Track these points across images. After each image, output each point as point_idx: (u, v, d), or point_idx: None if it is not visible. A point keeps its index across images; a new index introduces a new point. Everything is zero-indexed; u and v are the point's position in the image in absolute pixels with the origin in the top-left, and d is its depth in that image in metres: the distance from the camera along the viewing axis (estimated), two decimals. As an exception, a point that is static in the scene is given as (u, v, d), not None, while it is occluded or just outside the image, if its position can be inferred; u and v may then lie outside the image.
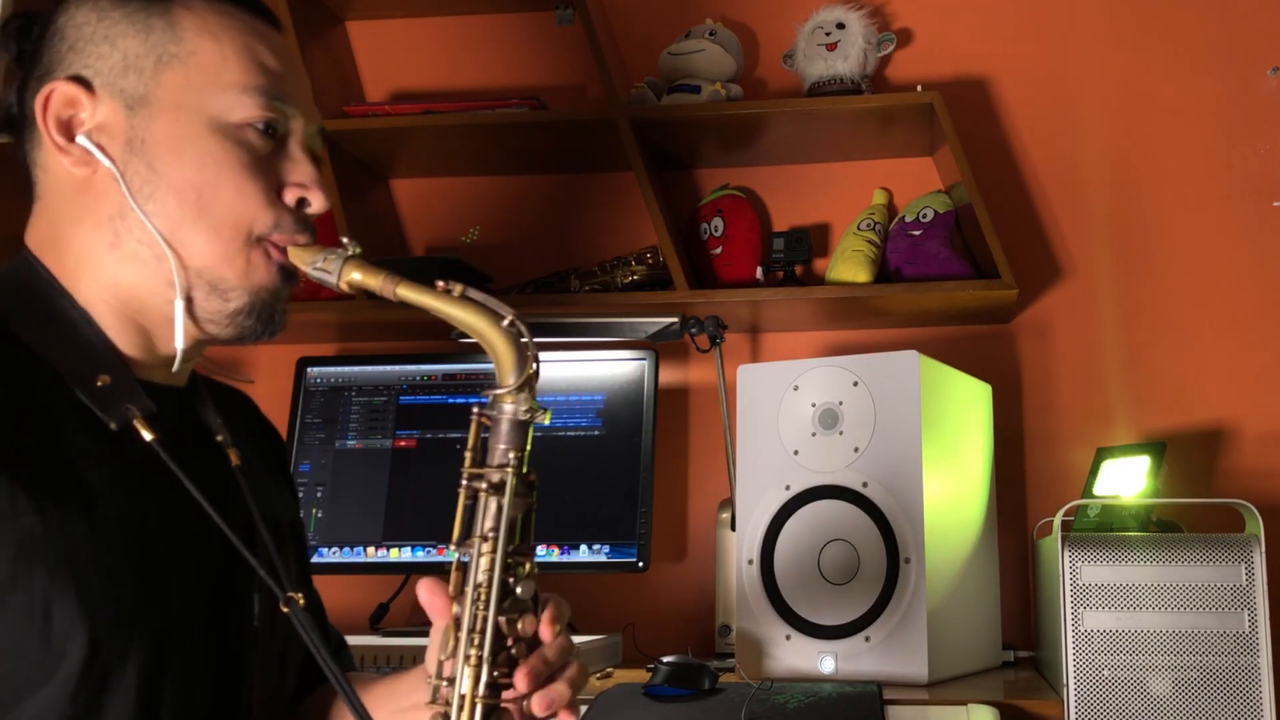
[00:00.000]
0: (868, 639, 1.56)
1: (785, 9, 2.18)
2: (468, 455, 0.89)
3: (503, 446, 0.89)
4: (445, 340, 2.07)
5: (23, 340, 0.91)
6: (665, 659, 1.51)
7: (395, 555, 1.95)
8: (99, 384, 0.91)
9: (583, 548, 1.90)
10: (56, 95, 0.93)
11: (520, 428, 0.89)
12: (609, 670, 1.73)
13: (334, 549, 1.97)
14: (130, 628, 0.86)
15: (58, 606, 0.82)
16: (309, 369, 2.08)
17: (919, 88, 1.99)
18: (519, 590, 0.88)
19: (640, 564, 1.88)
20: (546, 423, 0.91)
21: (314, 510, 1.99)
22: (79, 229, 0.95)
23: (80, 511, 0.85)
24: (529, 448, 0.89)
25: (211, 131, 0.94)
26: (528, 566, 0.89)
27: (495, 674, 0.86)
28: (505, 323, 0.89)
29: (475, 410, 0.89)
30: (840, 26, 2.06)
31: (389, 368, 2.06)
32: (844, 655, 1.57)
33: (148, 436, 0.91)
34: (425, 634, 1.00)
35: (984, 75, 2.15)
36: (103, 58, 0.94)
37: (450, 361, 2.05)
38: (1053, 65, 2.13)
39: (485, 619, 0.86)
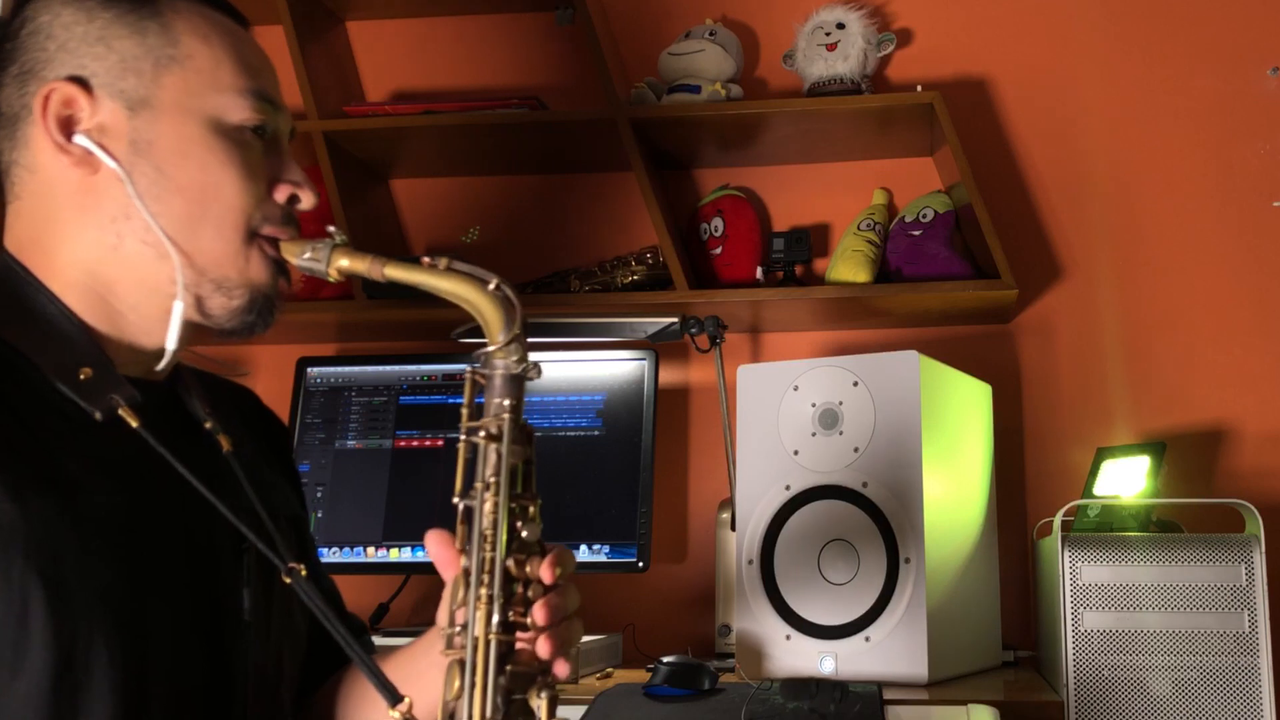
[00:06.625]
0: (868, 639, 1.56)
1: (785, 9, 2.18)
2: (464, 411, 0.89)
3: (497, 400, 0.89)
4: (445, 340, 2.07)
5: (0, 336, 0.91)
6: (665, 659, 1.51)
7: (395, 555, 1.95)
8: (81, 377, 0.91)
9: (583, 548, 1.90)
10: (56, 95, 0.93)
11: (514, 381, 0.89)
12: (609, 670, 1.73)
13: (334, 549, 1.97)
14: (104, 620, 0.86)
15: (34, 597, 0.82)
16: (309, 369, 2.08)
17: (919, 88, 1.99)
18: (525, 534, 0.88)
19: (640, 564, 1.88)
20: (538, 379, 0.91)
21: (314, 510, 1.99)
22: (75, 230, 0.94)
23: (61, 503, 0.85)
24: (523, 401, 0.90)
25: (213, 132, 0.96)
26: (532, 510, 0.90)
27: (508, 613, 0.86)
28: (491, 286, 0.89)
29: (469, 370, 0.90)
30: (840, 26, 2.06)
31: (389, 368, 2.06)
32: (844, 655, 1.57)
33: (134, 423, 0.91)
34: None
35: (984, 75, 2.15)
36: (99, 58, 0.94)
37: (450, 361, 2.05)
38: (1053, 65, 2.13)
39: (494, 560, 0.86)
